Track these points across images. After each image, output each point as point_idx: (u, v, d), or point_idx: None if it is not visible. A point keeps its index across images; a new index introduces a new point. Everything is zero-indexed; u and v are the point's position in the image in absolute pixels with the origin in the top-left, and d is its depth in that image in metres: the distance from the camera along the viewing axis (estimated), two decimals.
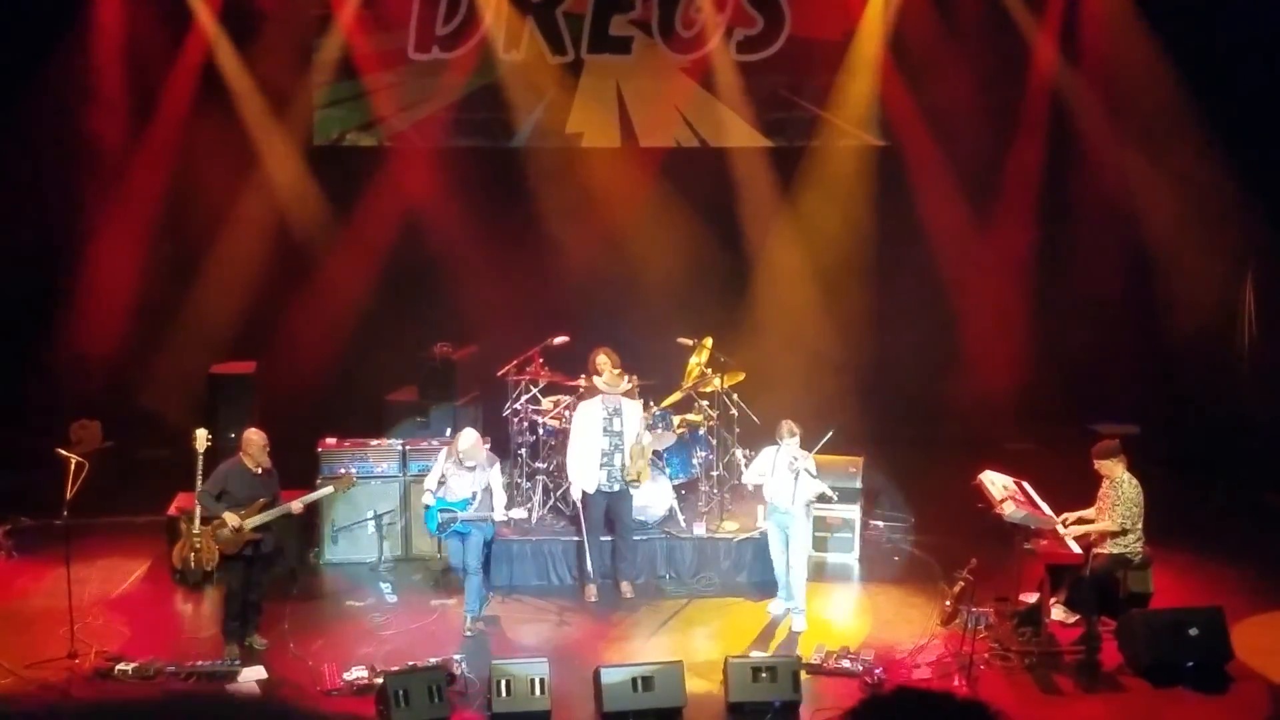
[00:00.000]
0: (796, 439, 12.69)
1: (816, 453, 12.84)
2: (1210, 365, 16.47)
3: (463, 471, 12.75)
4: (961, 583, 12.55)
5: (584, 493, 13.43)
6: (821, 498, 12.81)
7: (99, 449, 16.06)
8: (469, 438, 12.86)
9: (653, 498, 14.03)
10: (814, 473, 12.70)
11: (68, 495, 12.07)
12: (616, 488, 13.47)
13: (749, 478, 13.11)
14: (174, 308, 17.08)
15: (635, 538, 13.86)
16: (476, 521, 12.76)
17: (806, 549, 13.05)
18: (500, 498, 12.95)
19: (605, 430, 13.42)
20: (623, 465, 13.40)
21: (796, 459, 12.62)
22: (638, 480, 13.57)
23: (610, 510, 13.63)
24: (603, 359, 14.49)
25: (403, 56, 17.17)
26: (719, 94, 17.31)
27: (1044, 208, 17.26)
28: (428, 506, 12.91)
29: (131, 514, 14.93)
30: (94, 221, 17.00)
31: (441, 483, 12.84)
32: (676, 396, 14.78)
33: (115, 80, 16.74)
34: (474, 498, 12.72)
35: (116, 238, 17.02)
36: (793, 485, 12.62)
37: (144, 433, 16.71)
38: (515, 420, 14.60)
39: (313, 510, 13.63)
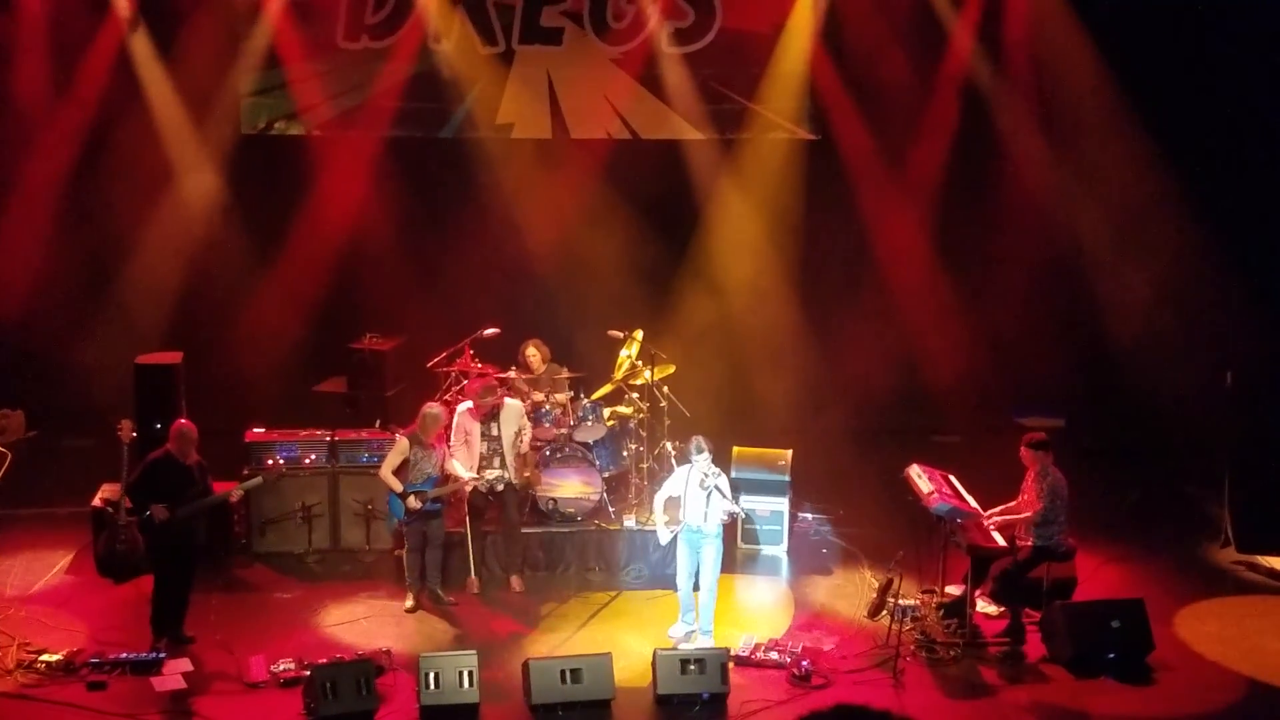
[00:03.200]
0: (706, 455, 12.13)
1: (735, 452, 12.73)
2: (1136, 360, 16.64)
3: (426, 450, 12.84)
4: (888, 575, 12.65)
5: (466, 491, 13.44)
6: (731, 516, 12.38)
7: (22, 439, 15.90)
8: (438, 408, 13.10)
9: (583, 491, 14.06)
10: (725, 491, 12.18)
11: None
12: (500, 488, 13.46)
13: (659, 499, 12.57)
14: (99, 296, 16.88)
15: (561, 529, 13.98)
16: (448, 495, 13.01)
17: (717, 571, 12.38)
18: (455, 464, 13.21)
19: (484, 435, 13.42)
20: (501, 474, 13.39)
21: (708, 476, 12.11)
22: (528, 485, 13.70)
23: (497, 505, 13.61)
24: (532, 351, 14.57)
25: (332, 45, 17.02)
26: (650, 86, 17.27)
27: (974, 203, 17.35)
28: (399, 495, 12.89)
29: (55, 505, 14.77)
30: (15, 208, 16.76)
31: (395, 471, 12.92)
32: (607, 389, 14.80)
33: (36, 64, 16.52)
34: (437, 475, 12.91)
35: (39, 225, 16.79)
36: (705, 504, 12.16)
37: (68, 423, 16.52)
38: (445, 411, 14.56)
39: (241, 502, 13.57)
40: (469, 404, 13.56)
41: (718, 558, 12.37)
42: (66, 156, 16.73)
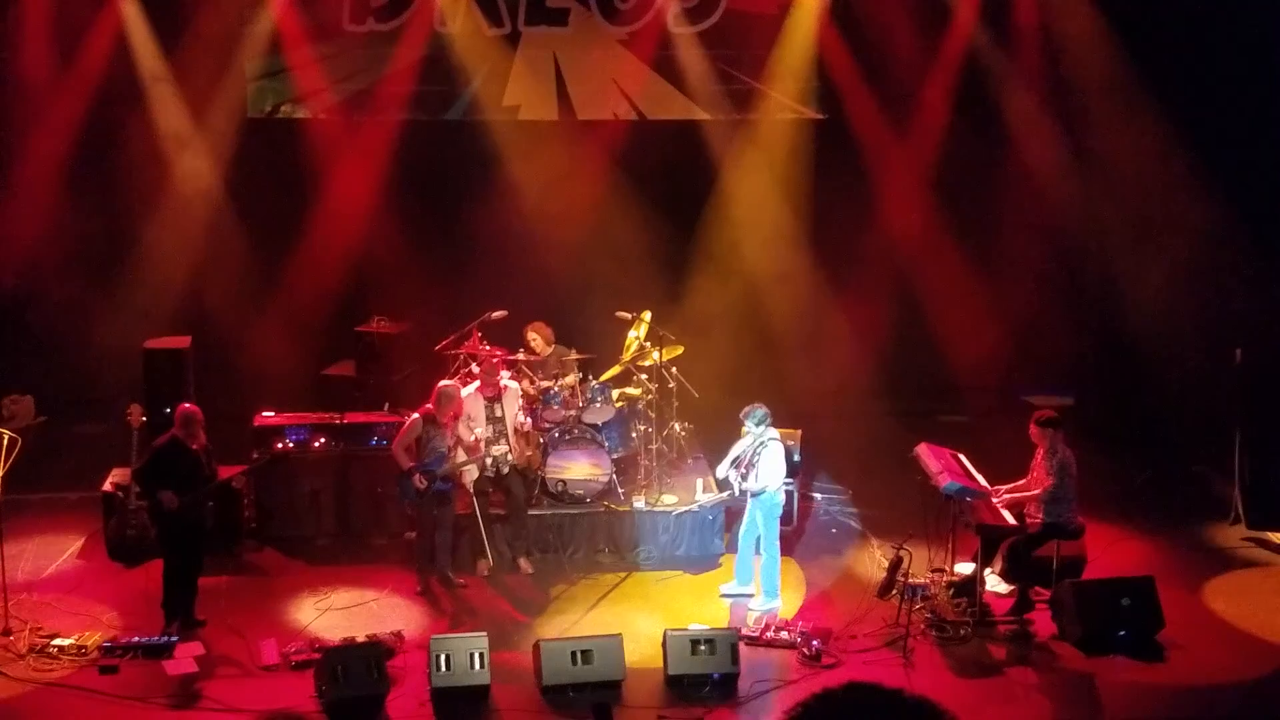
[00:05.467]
0: (750, 423, 12.69)
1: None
2: (1145, 339, 16.60)
3: (439, 429, 12.86)
4: (898, 554, 12.65)
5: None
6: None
7: (31, 424, 15.92)
8: (453, 385, 13.17)
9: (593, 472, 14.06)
10: (748, 463, 12.66)
11: (0, 471, 11.94)
12: (504, 469, 13.49)
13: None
14: (107, 282, 16.88)
15: (571, 511, 13.97)
16: (454, 471, 12.98)
17: (768, 535, 12.81)
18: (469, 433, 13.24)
19: (489, 418, 13.44)
20: (506, 451, 13.40)
21: (751, 443, 12.73)
22: (528, 465, 13.72)
23: (501, 489, 13.63)
24: (533, 334, 14.59)
25: (338, 28, 17.00)
26: (656, 67, 17.27)
27: (984, 183, 17.34)
28: (405, 472, 12.90)
29: (65, 490, 14.79)
30: (22, 193, 16.75)
31: (407, 449, 12.93)
32: (615, 370, 14.79)
33: (40, 49, 16.49)
34: (448, 452, 12.85)
35: (46, 211, 16.79)
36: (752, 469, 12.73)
37: (78, 408, 16.55)
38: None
39: (250, 486, 13.61)
40: (474, 386, 13.57)
41: (766, 522, 12.76)
42: (73, 142, 16.72)
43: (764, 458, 12.60)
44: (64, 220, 16.83)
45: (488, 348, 14.39)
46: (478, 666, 11.15)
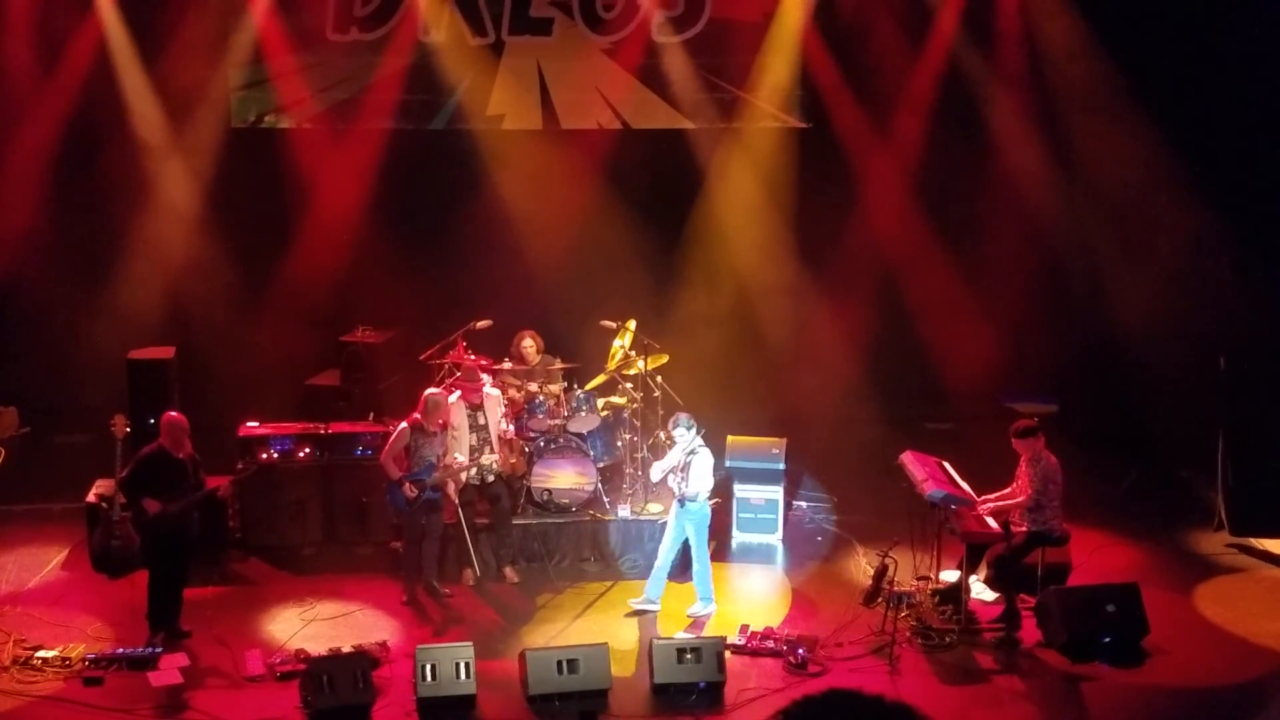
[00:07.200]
0: (679, 431, 12.73)
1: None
2: (1130, 345, 16.63)
3: (428, 437, 12.84)
4: (883, 562, 12.66)
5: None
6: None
7: (15, 435, 15.86)
8: (440, 392, 13.14)
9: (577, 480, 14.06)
10: (687, 470, 12.70)
11: None
12: (490, 478, 13.49)
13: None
14: (91, 292, 16.84)
15: (556, 520, 13.99)
16: (444, 480, 12.97)
17: (678, 547, 12.97)
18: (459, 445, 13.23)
19: (472, 426, 13.44)
20: (494, 460, 13.41)
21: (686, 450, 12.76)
22: (513, 472, 13.75)
23: (487, 498, 13.63)
24: (528, 342, 14.58)
25: (321, 38, 16.98)
26: (640, 76, 17.27)
27: (969, 190, 17.36)
28: (395, 482, 12.87)
29: (50, 501, 14.76)
30: (5, 203, 16.71)
31: (396, 458, 12.91)
32: (600, 379, 14.79)
33: (21, 57, 16.46)
34: (437, 461, 12.86)
35: (29, 221, 16.75)
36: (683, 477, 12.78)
37: (62, 419, 16.50)
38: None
39: (235, 496, 13.58)
40: (456, 395, 13.56)
41: (697, 531, 12.80)
42: (55, 152, 16.67)
43: (694, 465, 12.66)
44: (47, 231, 16.78)
45: (473, 357, 14.39)
46: (463, 676, 11.15)
